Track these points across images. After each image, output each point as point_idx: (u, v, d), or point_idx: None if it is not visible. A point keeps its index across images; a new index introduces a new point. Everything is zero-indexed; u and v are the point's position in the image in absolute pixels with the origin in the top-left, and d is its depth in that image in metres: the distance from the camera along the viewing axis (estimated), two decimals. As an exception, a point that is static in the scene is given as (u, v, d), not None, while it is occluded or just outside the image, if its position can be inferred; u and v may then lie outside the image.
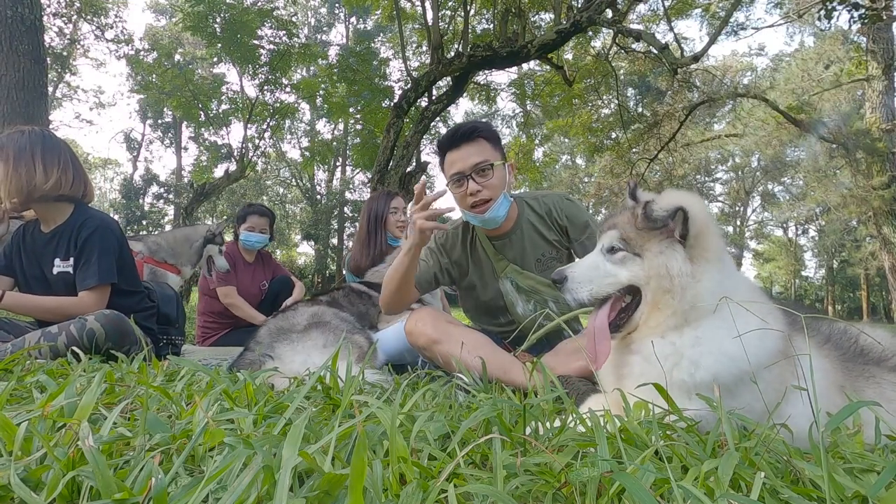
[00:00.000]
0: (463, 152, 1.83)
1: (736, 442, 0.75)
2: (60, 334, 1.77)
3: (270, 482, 0.55)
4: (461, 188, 1.84)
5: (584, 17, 7.43)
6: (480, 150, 1.84)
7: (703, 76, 13.85)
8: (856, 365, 1.08)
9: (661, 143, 13.28)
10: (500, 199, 1.85)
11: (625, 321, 1.10)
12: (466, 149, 1.83)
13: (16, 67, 5.18)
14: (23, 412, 0.81)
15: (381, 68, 12.22)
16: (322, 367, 1.05)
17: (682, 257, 1.03)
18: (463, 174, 1.82)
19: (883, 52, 11.19)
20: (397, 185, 7.82)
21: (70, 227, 1.99)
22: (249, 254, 3.84)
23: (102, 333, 1.80)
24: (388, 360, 2.10)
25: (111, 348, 1.81)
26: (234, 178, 11.15)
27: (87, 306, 1.93)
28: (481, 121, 1.95)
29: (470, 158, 1.82)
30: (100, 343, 1.79)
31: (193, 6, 9.45)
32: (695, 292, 1.02)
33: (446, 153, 1.88)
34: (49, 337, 1.77)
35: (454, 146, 1.85)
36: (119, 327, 1.85)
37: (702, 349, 1.00)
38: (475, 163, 1.81)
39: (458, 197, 1.88)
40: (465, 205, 1.87)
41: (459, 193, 1.86)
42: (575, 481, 0.61)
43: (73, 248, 1.98)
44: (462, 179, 1.83)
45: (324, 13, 25.93)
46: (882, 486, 0.59)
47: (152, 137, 28.47)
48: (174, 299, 2.43)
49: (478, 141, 1.84)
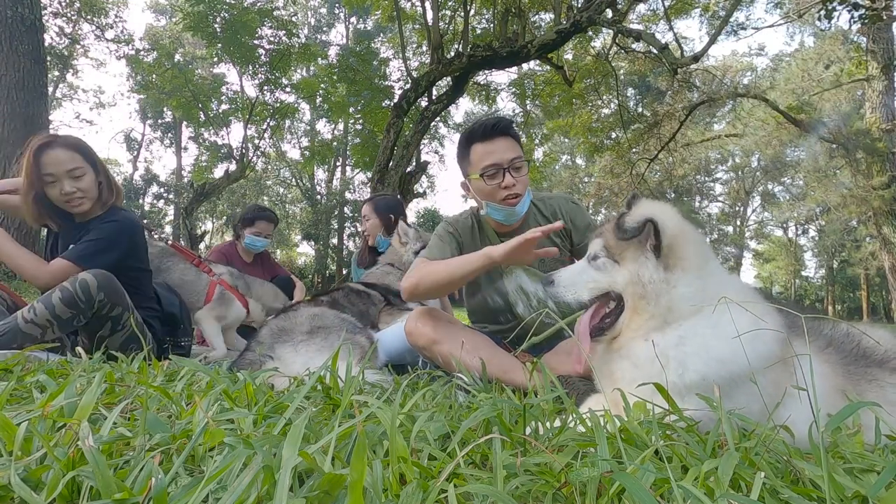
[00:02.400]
0: (499, 145, 1.84)
1: (736, 442, 0.75)
2: (54, 292, 1.80)
3: (270, 482, 0.55)
4: (495, 180, 1.84)
5: (584, 17, 7.43)
6: (513, 145, 1.87)
7: (703, 76, 13.86)
8: (858, 368, 1.08)
9: (661, 143, 13.29)
10: (526, 195, 1.90)
11: (609, 325, 1.14)
12: (502, 142, 1.85)
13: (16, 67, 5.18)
14: (23, 412, 0.81)
15: (381, 68, 12.24)
16: (322, 367, 1.05)
17: (654, 265, 1.07)
18: (501, 166, 1.83)
19: (883, 52, 11.19)
20: (397, 185, 7.82)
21: (100, 220, 2.10)
22: (248, 255, 3.84)
23: (95, 283, 1.82)
24: (389, 360, 2.10)
25: (104, 304, 1.85)
26: (234, 178, 11.15)
27: (43, 274, 1.94)
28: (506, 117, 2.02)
29: (507, 152, 1.84)
30: (93, 294, 1.82)
31: (193, 6, 9.45)
32: (670, 298, 1.06)
33: (475, 144, 1.87)
34: (44, 299, 1.80)
35: (488, 138, 1.85)
36: (111, 283, 1.88)
37: (686, 349, 1.02)
38: (512, 157, 1.83)
39: (488, 189, 1.86)
40: (497, 197, 1.87)
41: (492, 185, 1.85)
42: (575, 481, 0.61)
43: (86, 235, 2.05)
44: (499, 172, 1.84)
45: (324, 13, 25.92)
46: (882, 486, 0.59)
47: (152, 137, 28.49)
48: (177, 300, 2.43)
49: (509, 137, 1.87)
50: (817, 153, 17.28)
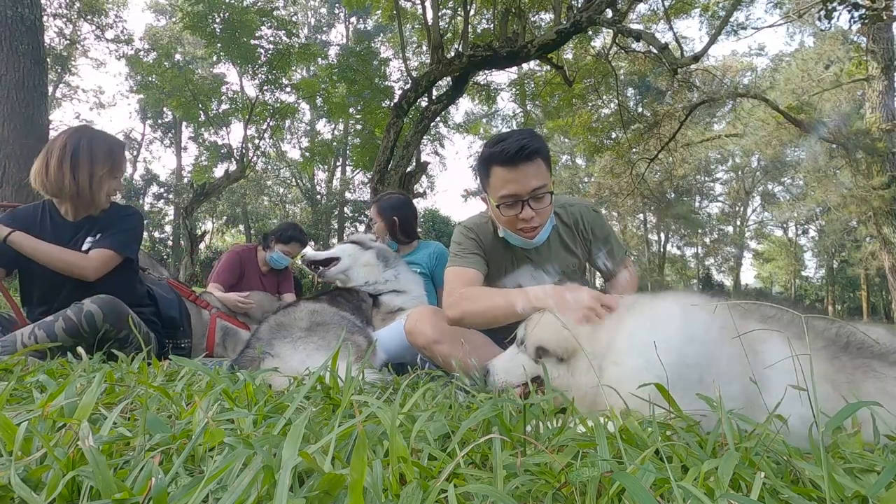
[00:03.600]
0: (520, 173, 1.63)
1: (736, 442, 0.75)
2: (57, 321, 1.76)
3: (270, 482, 0.55)
4: (513, 210, 1.68)
5: (584, 17, 7.43)
6: (538, 171, 1.65)
7: (703, 76, 13.85)
8: (851, 359, 1.09)
9: (661, 143, 13.29)
10: (547, 224, 1.76)
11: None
12: (525, 169, 1.63)
13: (16, 67, 5.18)
14: (23, 412, 0.81)
15: (381, 68, 12.23)
16: (322, 367, 1.04)
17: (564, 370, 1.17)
18: (520, 198, 1.66)
19: (883, 52, 11.19)
20: (397, 185, 7.81)
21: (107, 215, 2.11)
22: (266, 265, 3.75)
23: (101, 314, 1.79)
24: (389, 359, 2.10)
25: (109, 331, 1.82)
26: (234, 178, 11.15)
27: (91, 263, 1.96)
28: (537, 134, 1.75)
29: (529, 182, 1.64)
30: (99, 325, 1.79)
31: (193, 6, 9.46)
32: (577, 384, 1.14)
33: (496, 167, 1.66)
34: (46, 326, 1.75)
35: (512, 164, 1.63)
36: (116, 309, 1.85)
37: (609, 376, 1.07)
38: (534, 188, 1.64)
39: (505, 218, 1.72)
40: (513, 227, 1.73)
41: (509, 216, 1.70)
42: (575, 481, 0.61)
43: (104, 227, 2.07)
44: (517, 203, 1.67)
45: (324, 13, 25.93)
46: (882, 486, 0.59)
47: (152, 137, 28.53)
48: (176, 302, 2.42)
49: (536, 161, 1.64)
50: (817, 153, 17.28)
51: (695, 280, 31.29)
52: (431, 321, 1.79)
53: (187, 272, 9.43)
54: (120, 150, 2.13)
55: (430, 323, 1.79)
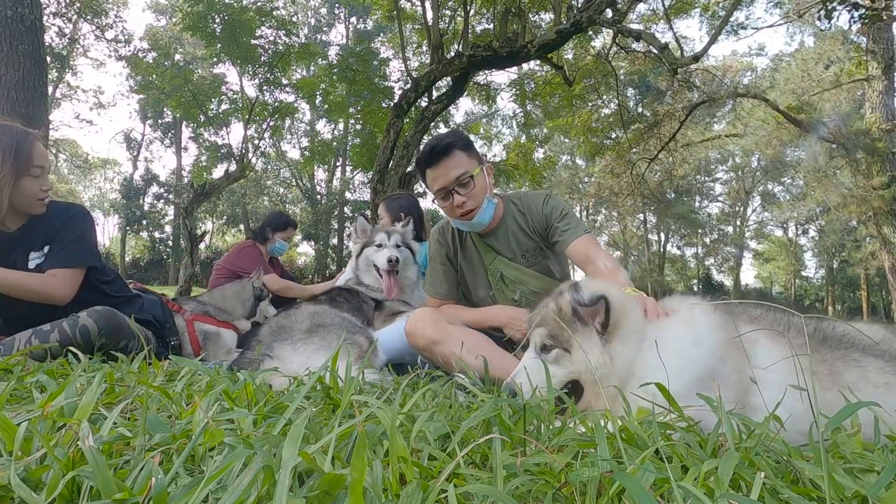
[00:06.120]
0: (442, 168, 1.92)
1: (736, 442, 0.75)
2: (53, 331, 1.71)
3: (270, 482, 0.55)
4: (447, 202, 1.94)
5: (584, 17, 7.42)
6: (458, 162, 1.92)
7: (703, 76, 13.85)
8: (831, 350, 1.10)
9: (661, 143, 13.29)
10: (484, 205, 1.96)
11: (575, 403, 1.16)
12: (445, 164, 1.91)
13: (16, 67, 5.17)
14: (23, 412, 0.81)
15: (381, 68, 12.21)
16: (322, 367, 1.04)
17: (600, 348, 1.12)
18: (447, 189, 1.92)
19: (883, 52, 11.18)
20: (397, 185, 7.81)
21: (43, 219, 1.91)
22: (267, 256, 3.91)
23: (95, 329, 1.74)
24: (389, 359, 2.10)
25: (106, 344, 1.77)
26: (234, 178, 11.13)
27: (54, 286, 1.84)
28: (452, 131, 2.13)
29: (450, 173, 1.91)
30: (93, 339, 1.74)
31: (193, 6, 9.44)
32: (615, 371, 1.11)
33: (426, 171, 1.96)
34: (41, 335, 1.71)
35: (432, 163, 1.93)
36: (112, 321, 1.79)
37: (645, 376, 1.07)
38: (455, 177, 1.90)
39: (446, 209, 2.00)
40: (454, 215, 1.99)
41: (447, 206, 1.96)
42: (575, 481, 0.61)
43: (49, 237, 1.90)
44: (447, 194, 1.92)
45: (324, 13, 25.91)
46: (882, 486, 0.59)
47: (152, 137, 28.50)
48: (158, 301, 2.37)
49: (454, 154, 1.92)
50: (817, 153, 17.27)
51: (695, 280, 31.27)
52: (432, 322, 1.81)
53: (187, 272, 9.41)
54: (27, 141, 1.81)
55: (430, 324, 1.80)
